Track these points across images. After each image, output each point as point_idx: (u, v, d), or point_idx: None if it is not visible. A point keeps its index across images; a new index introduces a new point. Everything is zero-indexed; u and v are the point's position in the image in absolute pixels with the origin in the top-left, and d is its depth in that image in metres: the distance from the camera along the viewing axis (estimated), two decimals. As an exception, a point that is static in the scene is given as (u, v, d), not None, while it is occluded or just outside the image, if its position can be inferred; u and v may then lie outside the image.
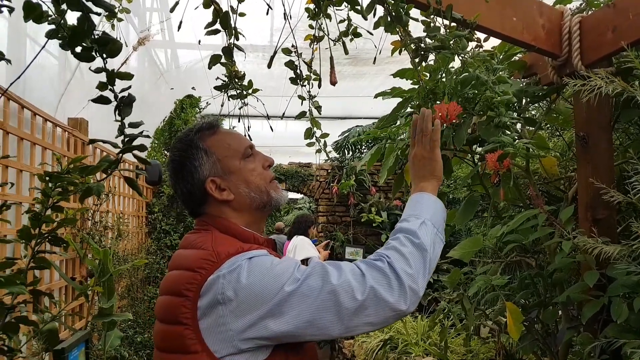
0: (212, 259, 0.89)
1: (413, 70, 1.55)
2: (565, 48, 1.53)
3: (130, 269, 4.03)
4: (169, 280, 0.94)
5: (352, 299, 0.85)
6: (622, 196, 1.12)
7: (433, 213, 1.03)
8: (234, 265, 0.87)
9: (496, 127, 1.10)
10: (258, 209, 1.04)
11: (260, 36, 4.26)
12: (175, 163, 1.04)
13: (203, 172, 1.01)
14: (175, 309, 0.88)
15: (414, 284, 0.89)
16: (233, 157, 1.03)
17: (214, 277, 0.86)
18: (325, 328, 0.85)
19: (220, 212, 1.02)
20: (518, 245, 1.72)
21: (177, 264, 0.95)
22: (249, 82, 1.41)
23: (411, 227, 0.97)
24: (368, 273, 0.88)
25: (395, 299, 0.86)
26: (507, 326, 1.42)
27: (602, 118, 1.48)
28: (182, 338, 0.86)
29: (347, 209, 6.38)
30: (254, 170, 1.05)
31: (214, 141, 1.04)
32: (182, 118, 5.22)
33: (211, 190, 1.01)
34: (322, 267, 0.88)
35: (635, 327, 1.23)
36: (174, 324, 0.88)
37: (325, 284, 0.85)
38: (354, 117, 6.68)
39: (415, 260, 0.91)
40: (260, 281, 0.85)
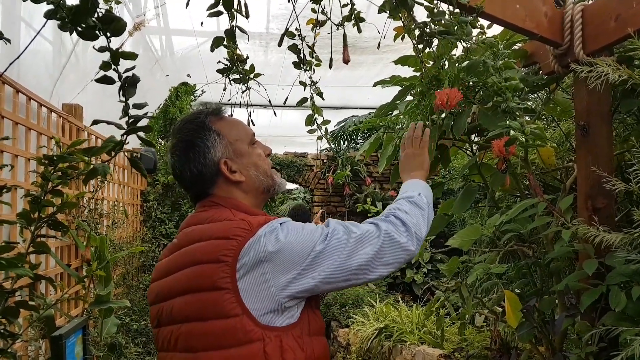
0: (246, 227, 0.93)
1: (415, 57, 1.54)
2: (567, 36, 1.52)
3: (125, 257, 4.01)
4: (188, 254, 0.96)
5: (373, 242, 0.98)
6: (624, 184, 1.12)
7: (424, 190, 1.20)
8: (271, 227, 0.94)
9: (504, 112, 1.09)
10: (264, 192, 1.11)
11: (256, 23, 4.21)
12: (185, 143, 1.04)
13: (216, 152, 1.04)
14: (212, 276, 0.90)
15: (418, 230, 1.06)
16: (242, 141, 1.08)
17: (254, 239, 0.91)
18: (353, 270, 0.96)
19: (229, 193, 1.05)
20: (516, 234, 1.73)
21: (196, 238, 0.97)
22: (250, 66, 1.39)
23: (407, 194, 1.16)
24: (380, 223, 1.03)
25: (405, 240, 1.02)
26: (506, 314, 1.43)
27: (602, 107, 1.48)
28: (221, 303, 0.89)
29: (342, 199, 6.39)
30: (260, 155, 1.10)
31: (224, 124, 1.08)
32: (177, 106, 5.17)
33: (225, 171, 1.04)
34: (342, 225, 1.00)
35: (633, 315, 1.24)
36: (210, 290, 0.90)
37: (350, 234, 0.98)
38: (350, 107, 6.66)
39: (415, 214, 1.09)
40: (297, 238, 0.93)
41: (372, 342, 3.37)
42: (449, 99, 1.07)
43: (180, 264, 0.97)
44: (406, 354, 2.99)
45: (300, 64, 1.45)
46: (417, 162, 1.31)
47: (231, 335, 0.88)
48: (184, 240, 1.00)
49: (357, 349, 3.50)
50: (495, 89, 1.10)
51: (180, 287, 0.95)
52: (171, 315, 0.96)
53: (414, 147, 1.32)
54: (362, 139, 6.69)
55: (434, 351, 2.71)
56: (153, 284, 1.05)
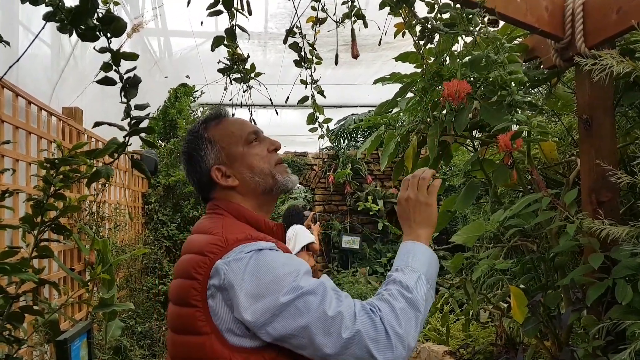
0: (221, 244, 0.92)
1: (416, 53, 1.54)
2: (569, 30, 1.52)
3: (128, 260, 4.01)
4: (181, 264, 0.98)
5: (338, 333, 0.84)
6: (629, 177, 1.11)
7: (428, 267, 0.98)
8: (241, 254, 0.89)
9: (509, 106, 1.09)
10: (264, 193, 1.07)
11: (254, 23, 4.20)
12: (185, 154, 1.10)
13: (208, 160, 1.06)
14: (187, 291, 0.91)
15: (401, 343, 0.86)
16: (236, 144, 1.07)
17: (222, 262, 0.89)
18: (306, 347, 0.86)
19: (228, 196, 1.06)
20: (520, 229, 1.73)
21: (189, 249, 0.99)
22: (251, 65, 1.39)
23: (406, 280, 0.93)
24: (359, 317, 0.86)
25: (377, 350, 0.84)
26: (512, 310, 1.43)
27: (605, 101, 1.48)
28: (193, 319, 0.89)
29: (343, 198, 6.38)
30: (257, 154, 1.08)
31: (217, 130, 1.09)
32: (176, 107, 5.16)
33: (216, 178, 1.05)
34: (324, 290, 0.88)
35: (639, 308, 1.24)
36: (185, 305, 0.91)
37: (321, 306, 0.85)
38: (349, 106, 6.64)
39: (406, 318, 0.88)
40: (262, 279, 0.86)
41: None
42: (457, 91, 1.06)
43: (175, 272, 1.01)
44: (411, 352, 2.98)
45: (301, 62, 1.44)
46: (424, 215, 1.04)
47: (202, 352, 0.89)
48: (185, 248, 1.03)
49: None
50: (500, 82, 1.09)
51: (172, 296, 0.99)
52: (169, 319, 0.99)
53: (420, 192, 1.05)
54: (362, 137, 6.68)
55: (439, 348, 2.71)
56: None
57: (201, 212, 4.74)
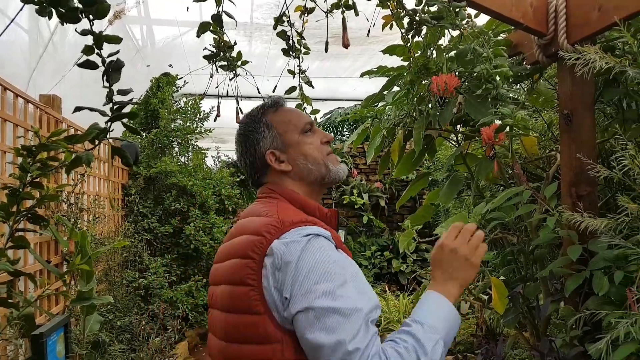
0: (277, 224, 0.94)
1: (403, 46, 1.54)
2: (552, 27, 1.54)
3: (107, 253, 3.94)
4: (235, 245, 1.00)
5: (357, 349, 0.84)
6: (608, 171, 1.14)
7: (449, 330, 0.96)
8: (297, 237, 0.91)
9: (494, 99, 1.10)
10: (316, 181, 1.10)
11: (240, 13, 4.15)
12: (241, 136, 1.14)
13: (264, 144, 1.10)
14: (242, 270, 0.93)
15: None
16: (292, 131, 1.11)
17: (279, 242, 0.92)
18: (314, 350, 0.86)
19: (280, 181, 1.10)
20: (501, 222, 1.75)
21: (242, 231, 1.01)
22: (238, 53, 1.37)
23: (425, 341, 0.90)
24: None
25: None
26: (492, 301, 1.45)
27: (586, 96, 1.50)
28: (247, 299, 0.91)
29: (329, 191, 6.39)
30: (312, 143, 1.11)
31: (276, 117, 1.13)
32: (158, 97, 5.07)
33: (271, 162, 1.09)
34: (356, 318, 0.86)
35: (615, 298, 1.27)
36: (240, 284, 0.93)
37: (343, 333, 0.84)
38: (336, 99, 6.63)
39: None
40: (310, 271, 0.88)
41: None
42: (447, 85, 1.06)
43: (227, 254, 1.02)
44: (392, 344, 3.01)
45: (289, 51, 1.43)
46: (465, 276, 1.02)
47: (254, 331, 0.91)
48: (236, 231, 1.05)
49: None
50: (485, 75, 1.10)
51: (224, 277, 1.01)
52: (217, 300, 1.02)
53: (471, 251, 1.02)
54: (348, 130, 6.69)
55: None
56: (213, 265, 1.11)
57: (183, 205, 4.67)
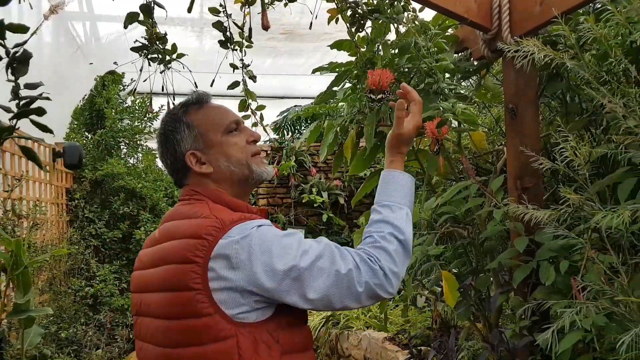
0: (218, 225, 0.93)
1: (350, 41, 1.52)
2: (496, 21, 1.56)
3: (51, 261, 3.73)
4: (164, 251, 0.98)
5: (351, 288, 0.94)
6: (550, 163, 1.16)
7: (410, 196, 1.11)
8: (245, 232, 0.92)
9: (435, 93, 1.09)
10: (240, 183, 1.08)
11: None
12: (161, 136, 1.10)
13: (184, 145, 1.06)
14: (183, 276, 0.91)
15: (397, 278, 1.00)
16: (215, 131, 1.07)
17: (226, 242, 0.91)
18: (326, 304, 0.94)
19: (202, 184, 1.06)
20: (451, 216, 1.77)
21: (170, 235, 0.99)
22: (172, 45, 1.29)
23: (396, 220, 1.04)
24: (363, 268, 0.96)
25: (384, 292, 0.97)
26: (444, 294, 1.46)
27: (529, 90, 1.53)
28: (193, 303, 0.90)
29: (288, 191, 6.33)
30: (235, 144, 1.08)
31: (198, 115, 1.08)
32: (103, 96, 4.85)
33: (191, 164, 1.05)
34: (330, 251, 0.96)
35: (562, 288, 1.30)
36: (181, 290, 0.92)
37: (333, 267, 0.93)
38: (292, 97, 6.58)
39: (400, 257, 1.01)
40: (272, 249, 0.91)
41: (320, 330, 3.37)
42: (380, 80, 1.04)
43: (157, 260, 0.99)
44: (352, 340, 3.02)
45: (226, 42, 1.37)
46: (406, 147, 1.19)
47: (205, 333, 0.91)
48: (162, 236, 1.02)
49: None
50: (427, 69, 1.09)
51: (157, 284, 0.98)
52: (149, 308, 0.99)
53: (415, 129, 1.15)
54: (305, 128, 6.66)
55: (379, 335, 2.75)
56: (134, 272, 1.09)
57: (132, 209, 4.49)
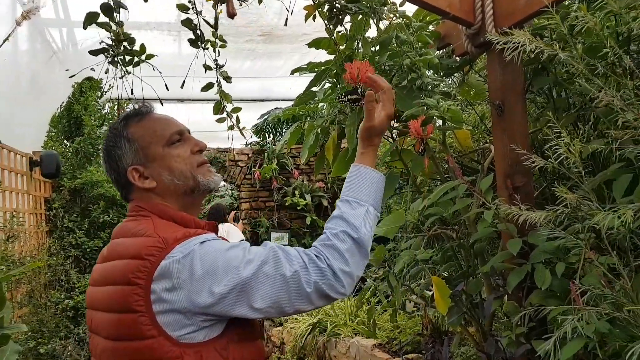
0: (160, 244, 0.90)
1: (329, 39, 1.44)
2: (479, 15, 1.50)
3: (30, 273, 3.59)
4: (110, 270, 0.95)
5: (300, 289, 0.91)
6: (544, 161, 1.10)
7: (376, 192, 1.06)
8: (187, 250, 0.89)
9: (418, 89, 1.02)
10: (186, 195, 1.05)
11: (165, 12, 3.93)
12: (104, 152, 1.08)
13: (126, 160, 1.03)
14: (126, 298, 0.89)
15: (350, 278, 0.96)
16: (156, 143, 1.04)
17: (167, 262, 0.88)
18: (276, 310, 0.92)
19: (147, 199, 1.03)
20: (439, 218, 1.71)
21: (116, 254, 0.96)
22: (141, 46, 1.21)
23: (353, 218, 1.00)
24: (311, 268, 0.93)
25: (334, 292, 0.94)
26: (435, 300, 1.39)
27: (516, 85, 1.48)
28: (136, 325, 0.88)
29: (270, 194, 6.25)
30: (179, 156, 1.04)
31: (138, 128, 1.05)
32: (81, 102, 4.73)
33: (133, 179, 1.02)
34: (275, 255, 0.93)
35: (558, 291, 1.24)
36: (126, 312, 0.89)
37: (278, 271, 0.91)
38: (272, 100, 6.50)
39: (354, 256, 0.97)
40: (215, 264, 0.89)
41: (307, 338, 3.29)
42: (359, 72, 0.97)
43: (103, 279, 0.97)
44: (340, 347, 2.94)
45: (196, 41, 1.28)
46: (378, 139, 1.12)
47: (149, 355, 0.88)
48: (109, 254, 1.00)
49: (292, 347, 3.40)
50: (409, 64, 1.03)
51: (102, 304, 0.96)
52: (98, 327, 0.97)
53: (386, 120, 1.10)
54: (286, 130, 6.58)
55: (367, 342, 2.68)
56: (88, 287, 1.06)
57: (112, 217, 4.37)
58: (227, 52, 1.85)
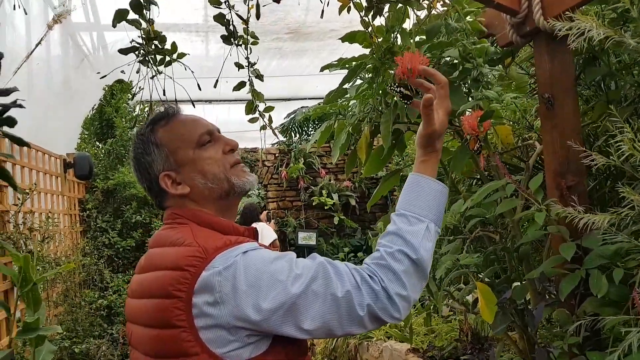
0: (200, 254, 0.85)
1: (363, 32, 1.38)
2: (525, 2, 1.40)
3: (64, 273, 3.66)
4: (148, 282, 0.91)
5: (351, 312, 0.84)
6: (605, 159, 1.00)
7: (438, 206, 0.96)
8: (229, 261, 0.84)
9: (475, 81, 0.94)
10: (221, 199, 1.00)
11: (193, 13, 3.93)
12: (133, 160, 1.03)
13: (157, 167, 0.99)
14: (167, 312, 0.84)
15: (406, 302, 0.88)
16: (186, 147, 0.99)
17: (208, 274, 0.83)
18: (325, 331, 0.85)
19: (182, 205, 0.99)
20: (481, 219, 1.62)
21: (155, 264, 0.91)
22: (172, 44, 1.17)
23: (411, 235, 0.90)
24: (364, 289, 0.85)
25: (388, 317, 0.86)
26: (480, 308, 1.31)
27: (566, 77, 1.37)
28: (179, 342, 0.83)
29: (297, 193, 6.23)
30: (210, 157, 1.00)
31: (165, 132, 1.01)
32: (112, 105, 4.80)
33: (166, 186, 0.98)
34: (325, 271, 0.86)
35: (616, 299, 1.14)
36: (167, 327, 0.84)
37: (328, 290, 0.84)
38: (298, 98, 6.46)
39: (412, 279, 0.88)
40: (260, 277, 0.83)
41: (337, 340, 3.23)
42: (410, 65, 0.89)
43: (141, 292, 0.93)
44: (373, 351, 2.87)
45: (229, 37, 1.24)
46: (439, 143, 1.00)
47: None
48: (146, 264, 0.96)
49: (322, 349, 3.35)
50: (463, 53, 0.94)
51: (141, 319, 0.92)
52: (139, 343, 0.93)
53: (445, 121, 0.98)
54: (313, 129, 6.54)
55: (401, 346, 2.60)
56: (127, 299, 1.02)
57: (145, 217, 4.41)
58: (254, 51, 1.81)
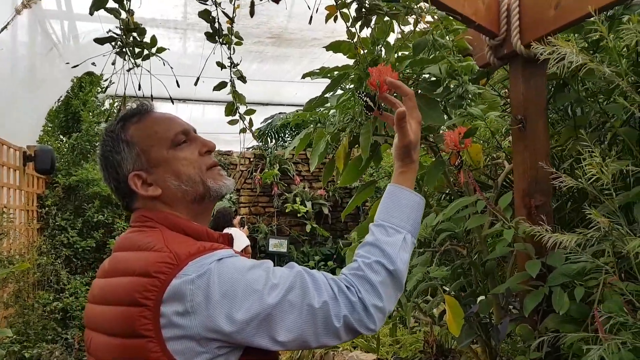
0: (171, 261, 0.81)
1: (349, 42, 1.39)
2: (504, 26, 1.45)
3: (18, 272, 3.49)
4: (112, 288, 0.86)
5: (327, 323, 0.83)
6: (574, 181, 1.04)
7: (415, 217, 0.96)
8: (202, 268, 0.80)
9: (459, 97, 0.96)
10: (195, 202, 0.95)
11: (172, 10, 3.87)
12: (100, 158, 0.98)
13: (126, 166, 0.94)
14: (132, 320, 0.80)
15: (382, 313, 0.87)
16: (159, 146, 0.95)
17: (179, 282, 0.79)
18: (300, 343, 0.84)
19: (152, 207, 0.94)
20: (450, 233, 1.66)
21: (120, 270, 0.87)
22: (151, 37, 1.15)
23: (389, 246, 0.90)
24: (341, 299, 0.84)
25: (363, 328, 0.85)
26: (447, 322, 1.33)
27: (539, 100, 1.43)
28: (143, 351, 0.79)
29: (270, 199, 6.19)
30: (185, 158, 0.95)
31: (137, 130, 0.96)
32: (80, 98, 4.65)
33: (135, 187, 0.93)
34: (302, 280, 0.84)
35: (576, 317, 1.18)
36: (131, 337, 0.80)
37: (305, 301, 0.82)
38: (276, 104, 6.45)
39: (388, 290, 0.88)
40: (235, 286, 0.80)
41: (303, 350, 3.21)
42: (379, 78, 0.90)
43: (105, 297, 0.88)
44: (337, 361, 2.86)
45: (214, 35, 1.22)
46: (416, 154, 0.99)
47: None
48: (111, 269, 0.91)
49: (288, 359, 3.32)
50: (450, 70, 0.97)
51: (103, 326, 0.87)
52: (96, 350, 0.88)
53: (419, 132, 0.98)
54: (290, 136, 6.54)
55: (367, 356, 2.61)
56: (87, 304, 0.96)
57: (107, 217, 4.28)
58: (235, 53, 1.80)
